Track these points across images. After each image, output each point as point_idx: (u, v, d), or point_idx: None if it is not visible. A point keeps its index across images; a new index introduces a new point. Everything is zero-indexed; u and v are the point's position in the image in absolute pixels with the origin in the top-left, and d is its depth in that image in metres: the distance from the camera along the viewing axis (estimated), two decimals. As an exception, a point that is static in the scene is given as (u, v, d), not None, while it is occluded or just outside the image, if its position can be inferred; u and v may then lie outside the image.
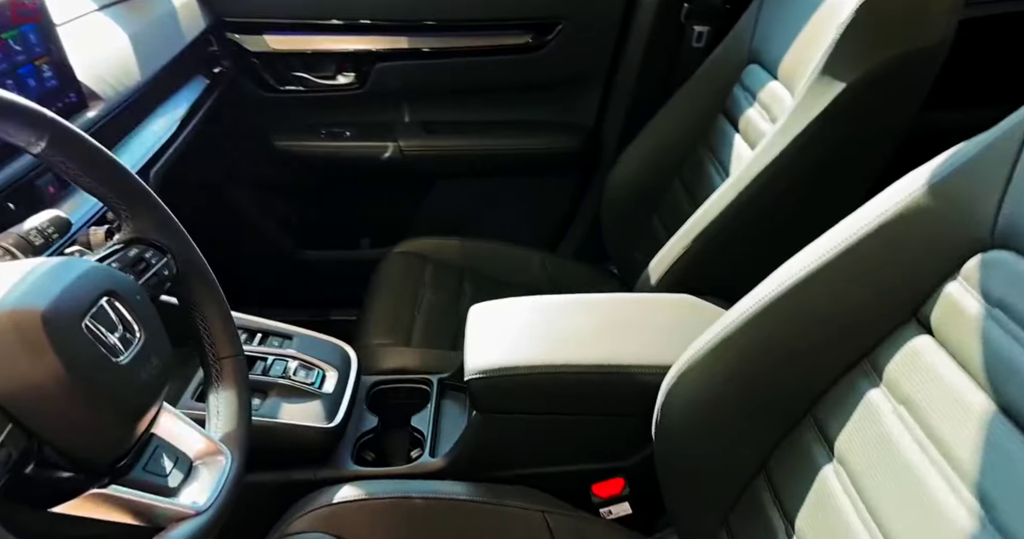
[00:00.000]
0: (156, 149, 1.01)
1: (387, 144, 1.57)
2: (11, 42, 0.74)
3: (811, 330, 0.68)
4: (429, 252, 1.44)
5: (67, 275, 0.48)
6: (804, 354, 0.69)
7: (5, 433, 0.41)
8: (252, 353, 0.96)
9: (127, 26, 1.10)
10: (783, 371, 0.70)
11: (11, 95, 0.50)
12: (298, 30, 1.49)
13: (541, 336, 0.95)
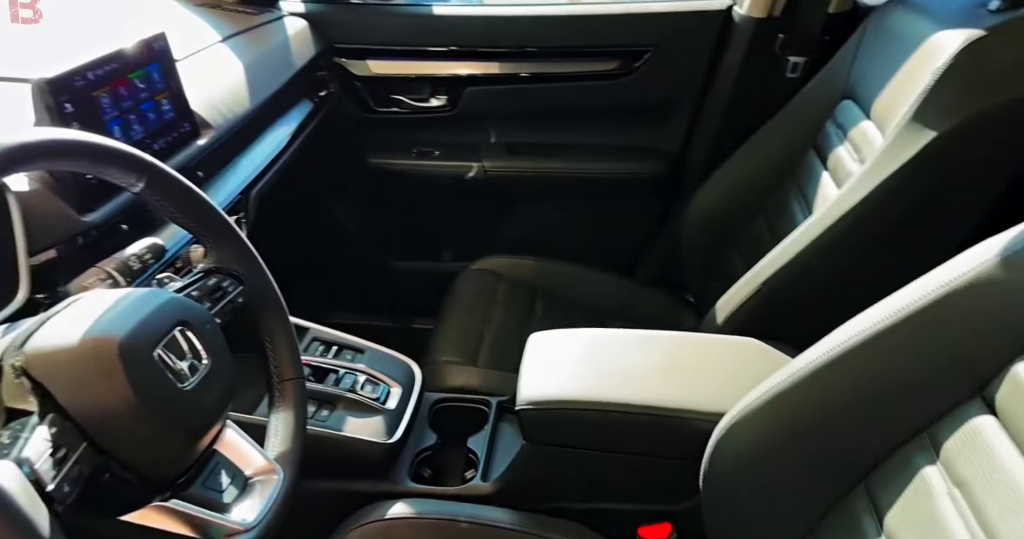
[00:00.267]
0: (257, 173, 1.10)
1: (471, 164, 1.62)
2: (136, 81, 0.84)
3: (871, 394, 0.66)
4: (504, 270, 1.47)
5: (147, 307, 0.54)
6: (863, 419, 0.66)
7: (79, 451, 0.47)
8: (326, 365, 1.02)
9: (244, 55, 1.21)
10: (839, 434, 0.68)
11: (116, 143, 0.58)
12: (398, 56, 1.57)
13: (597, 371, 0.96)
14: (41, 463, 0.44)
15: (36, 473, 0.44)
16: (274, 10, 1.47)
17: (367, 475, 0.98)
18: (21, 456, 0.44)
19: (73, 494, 0.46)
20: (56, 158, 0.53)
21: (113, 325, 0.51)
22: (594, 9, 1.62)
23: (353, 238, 1.75)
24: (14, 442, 0.45)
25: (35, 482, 0.43)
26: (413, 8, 1.59)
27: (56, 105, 0.71)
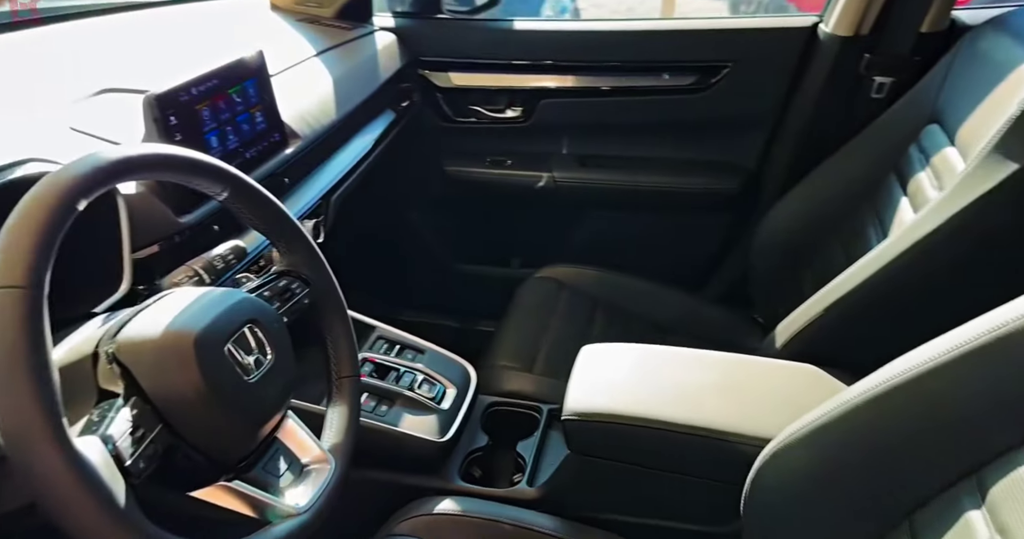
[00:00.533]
0: (338, 179, 1.17)
1: (542, 174, 1.66)
2: (234, 96, 0.92)
3: (923, 431, 0.64)
4: (567, 279, 1.50)
5: (222, 305, 0.60)
6: (911, 456, 0.65)
7: (156, 432, 0.54)
8: (388, 363, 1.08)
9: (335, 69, 1.29)
10: (885, 469, 0.67)
11: (206, 157, 0.65)
12: (478, 68, 1.63)
13: (646, 387, 0.97)
14: (122, 440, 0.51)
15: (117, 449, 0.50)
16: (367, 25, 1.56)
17: (419, 470, 1.03)
18: (106, 433, 0.51)
19: (148, 470, 0.52)
20: (153, 170, 0.60)
21: (191, 321, 0.58)
22: (674, 24, 1.62)
23: (426, 241, 1.83)
24: (102, 420, 0.52)
25: (116, 457, 0.50)
26: (496, 23, 1.64)
27: (162, 118, 0.79)
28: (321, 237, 1.10)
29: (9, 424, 0.45)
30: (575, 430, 0.95)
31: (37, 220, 0.48)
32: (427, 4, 1.64)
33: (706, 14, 5.16)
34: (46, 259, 0.48)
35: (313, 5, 1.52)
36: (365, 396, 1.02)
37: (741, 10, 5.26)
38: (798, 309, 1.13)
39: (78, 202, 0.51)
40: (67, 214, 0.50)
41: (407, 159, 1.65)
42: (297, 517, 0.63)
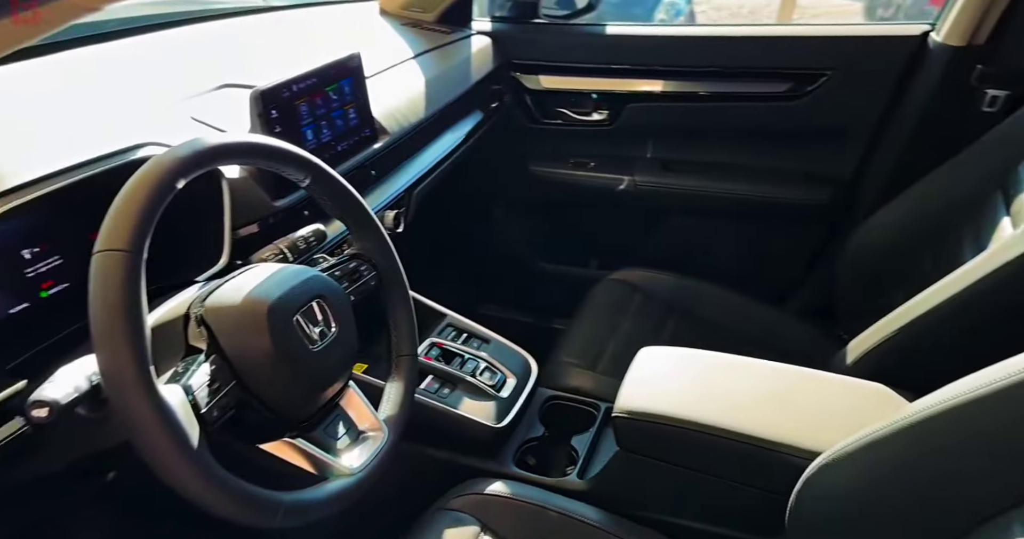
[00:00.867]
0: (421, 174, 1.25)
1: (624, 177, 1.68)
2: (330, 93, 1.01)
3: (975, 456, 0.63)
4: (642, 283, 1.51)
5: (295, 280, 0.68)
6: (961, 480, 0.64)
7: (229, 386, 0.62)
8: (454, 349, 1.15)
9: (429, 70, 1.37)
10: (935, 492, 0.66)
11: (291, 147, 0.72)
12: (568, 72, 1.68)
13: (699, 391, 0.97)
14: (200, 390, 0.59)
15: (195, 398, 0.58)
16: (465, 29, 1.64)
17: (475, 452, 1.08)
18: (187, 383, 0.59)
19: (220, 419, 0.60)
20: (243, 156, 0.69)
21: (267, 292, 0.65)
22: (771, 30, 1.60)
23: (508, 239, 1.89)
24: (185, 372, 0.60)
25: (193, 404, 0.58)
26: (589, 27, 1.67)
27: (265, 111, 0.89)
28: (401, 227, 1.17)
29: (108, 371, 0.54)
30: (624, 428, 0.97)
31: (141, 195, 0.57)
32: (524, 9, 1.69)
33: (837, 18, 4.95)
34: (147, 228, 0.56)
35: (417, 10, 1.61)
36: (429, 378, 1.09)
37: (879, 14, 4.99)
38: (873, 326, 1.10)
39: (177, 181, 0.59)
40: (167, 191, 0.58)
41: (494, 158, 1.71)
42: (350, 477, 0.70)
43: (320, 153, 0.99)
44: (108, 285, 0.54)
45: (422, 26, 1.58)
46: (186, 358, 0.63)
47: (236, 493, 0.58)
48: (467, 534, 0.92)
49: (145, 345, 0.54)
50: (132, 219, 0.56)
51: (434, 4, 1.59)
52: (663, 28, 1.67)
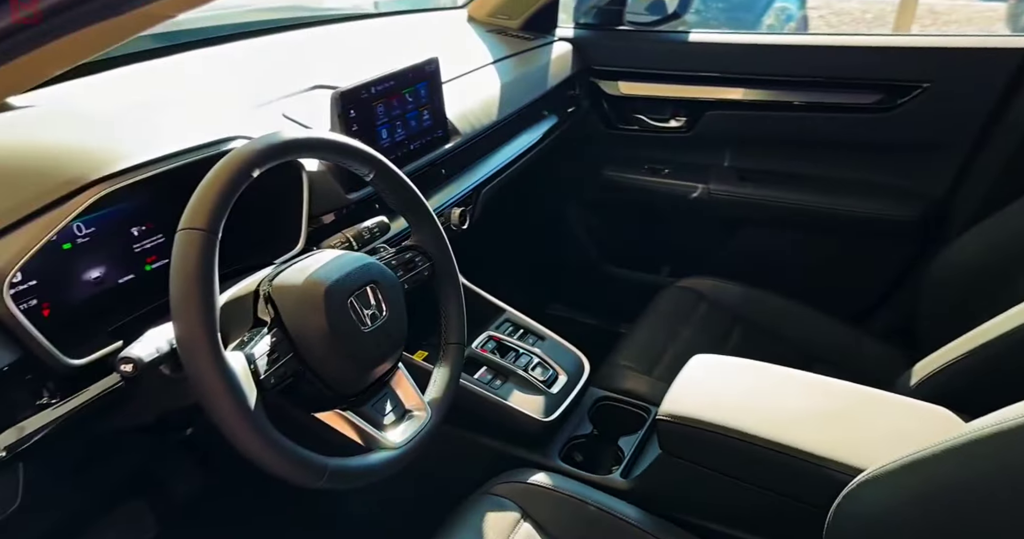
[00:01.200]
0: (490, 174, 1.31)
1: (698, 185, 1.67)
2: (407, 95, 1.08)
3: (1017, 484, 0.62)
4: (709, 291, 1.50)
5: (352, 266, 0.74)
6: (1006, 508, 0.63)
7: (287, 358, 0.69)
8: (509, 343, 1.19)
9: (507, 74, 1.43)
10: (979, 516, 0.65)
11: (356, 143, 0.79)
12: (647, 78, 1.69)
13: (748, 401, 0.97)
14: (260, 359, 0.66)
15: (256, 365, 0.65)
16: (548, 36, 1.69)
17: (522, 443, 1.12)
18: (250, 352, 0.66)
19: (277, 386, 0.67)
20: (313, 150, 0.75)
21: (326, 274, 0.72)
22: (863, 40, 1.55)
23: (580, 241, 1.92)
24: (250, 341, 0.67)
25: (254, 371, 0.65)
26: (672, 34, 1.68)
27: (343, 111, 0.96)
28: (467, 224, 1.23)
29: (181, 337, 0.61)
30: (667, 430, 0.98)
31: (220, 181, 0.64)
32: (609, 16, 1.72)
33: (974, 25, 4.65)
34: (223, 211, 0.64)
35: (503, 18, 1.67)
36: (483, 369, 1.14)
37: (1023, 23, 4.67)
38: (943, 348, 1.06)
39: (252, 170, 0.67)
40: (243, 179, 0.66)
41: (569, 162, 1.75)
42: (392, 451, 0.75)
43: (393, 151, 1.07)
44: (186, 260, 0.61)
45: (507, 33, 1.64)
46: (252, 329, 0.70)
47: (286, 453, 0.65)
48: (507, 519, 0.96)
49: (214, 316, 0.62)
50: (210, 202, 0.63)
51: (519, 11, 1.65)
52: (748, 36, 1.65)
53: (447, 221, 1.19)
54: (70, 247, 0.79)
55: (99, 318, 0.80)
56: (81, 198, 0.70)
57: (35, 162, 0.72)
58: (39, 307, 0.77)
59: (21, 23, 0.44)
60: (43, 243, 0.67)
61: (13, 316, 0.65)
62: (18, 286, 0.74)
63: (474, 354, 1.16)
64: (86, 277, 0.81)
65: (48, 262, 0.76)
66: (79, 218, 0.79)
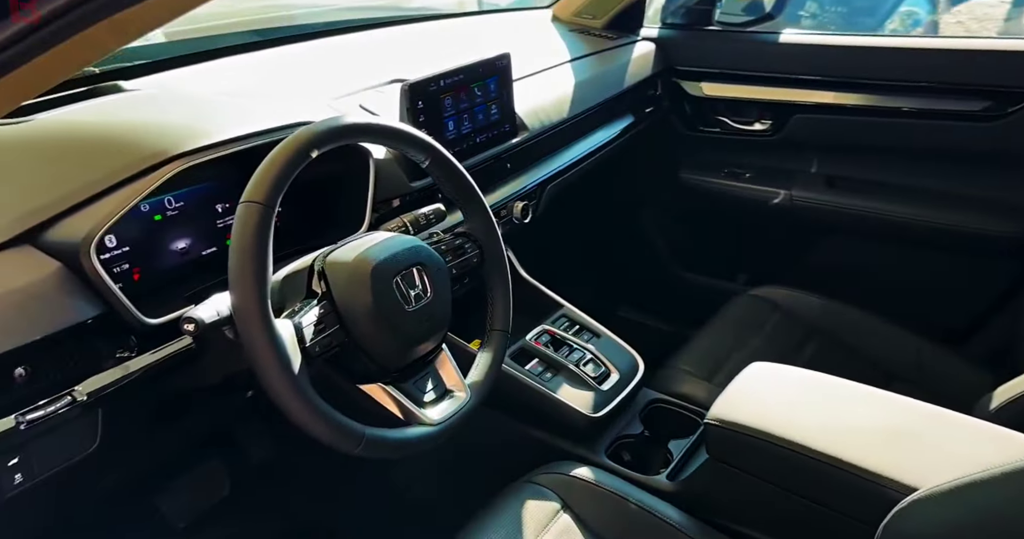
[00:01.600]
0: (556, 171, 1.32)
1: (780, 191, 1.61)
2: (475, 89, 1.11)
3: None
4: (784, 302, 1.45)
5: (400, 247, 0.77)
6: None
7: (333, 329, 0.73)
8: (563, 338, 1.20)
9: (582, 73, 1.44)
10: None
11: (412, 130, 0.82)
12: (731, 79, 1.65)
13: (802, 411, 0.94)
14: (307, 328, 0.70)
15: (302, 333, 0.69)
16: (631, 36, 1.68)
17: (569, 437, 1.13)
18: (298, 321, 0.70)
19: (322, 355, 0.71)
20: (370, 136, 0.79)
21: (375, 253, 0.76)
22: (971, 43, 1.45)
23: (652, 244, 1.89)
24: (299, 311, 0.72)
25: (300, 339, 0.69)
26: (763, 35, 1.63)
27: (411, 102, 1.01)
28: (528, 218, 1.25)
29: (235, 303, 0.66)
30: (715, 435, 0.96)
31: (280, 160, 0.69)
32: (698, 16, 1.69)
33: None
34: (280, 187, 0.69)
35: (588, 17, 1.68)
36: (535, 361, 1.16)
37: None
38: None
39: (311, 151, 0.71)
40: (302, 159, 0.71)
41: (644, 163, 1.73)
42: (429, 427, 0.78)
43: (458, 143, 1.10)
44: (244, 231, 0.66)
45: (589, 32, 1.65)
46: (304, 300, 0.75)
47: (326, 417, 0.69)
48: (547, 509, 0.97)
49: (266, 284, 0.67)
50: (270, 178, 0.68)
51: (603, 11, 1.65)
52: (845, 37, 1.57)
53: (509, 214, 1.21)
54: (160, 219, 0.87)
55: (180, 285, 0.87)
56: (162, 171, 0.77)
57: (126, 137, 0.81)
58: (130, 271, 0.85)
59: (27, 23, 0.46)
60: (126, 210, 0.74)
61: (99, 274, 0.73)
62: (112, 251, 0.82)
63: (527, 346, 1.18)
64: (173, 247, 0.89)
65: (140, 231, 0.84)
66: (169, 192, 0.87)
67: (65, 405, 0.73)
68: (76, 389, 0.74)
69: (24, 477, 0.74)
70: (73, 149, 0.80)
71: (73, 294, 0.73)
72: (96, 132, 0.83)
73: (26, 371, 0.70)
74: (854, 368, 1.32)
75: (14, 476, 0.73)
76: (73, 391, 0.74)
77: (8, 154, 0.80)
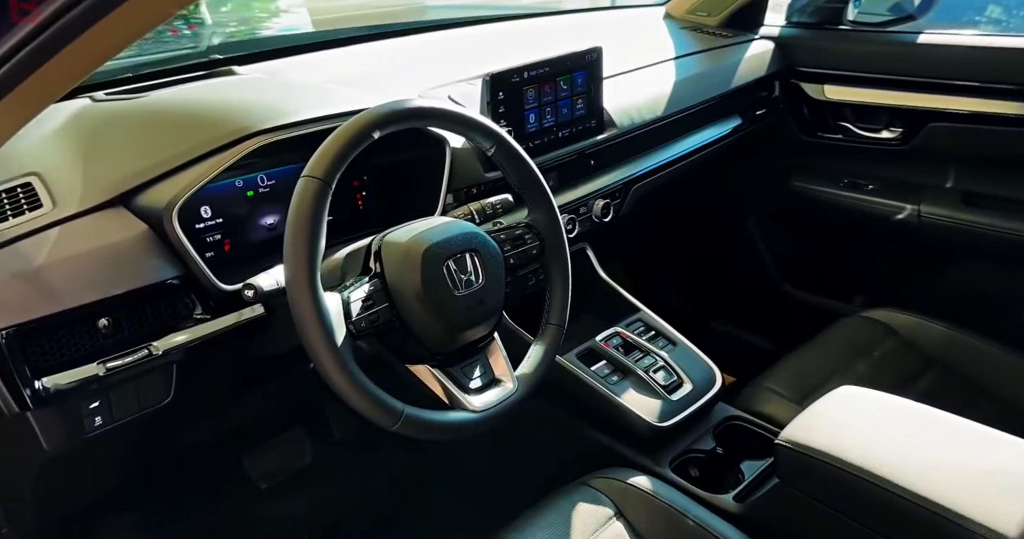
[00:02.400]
0: (644, 171, 1.27)
1: (906, 206, 1.46)
2: (561, 83, 1.10)
3: None
4: (902, 328, 1.31)
5: (454, 231, 0.78)
6: None
7: (381, 306, 0.74)
8: (635, 342, 1.16)
9: (685, 72, 1.38)
10: None
11: (480, 117, 0.82)
12: (858, 83, 1.52)
13: (887, 440, 0.85)
14: (355, 303, 0.72)
15: (349, 307, 0.71)
16: (748, 34, 1.59)
17: (632, 444, 1.08)
18: (347, 296, 0.72)
19: (367, 330, 0.72)
20: (433, 119, 0.80)
21: (429, 237, 0.76)
22: None
23: (755, 255, 1.77)
24: (351, 285, 0.74)
25: (346, 313, 0.71)
26: (900, 35, 1.49)
27: (492, 93, 1.01)
28: (609, 217, 1.21)
29: (287, 274, 0.69)
30: (786, 457, 0.88)
31: (341, 138, 0.72)
32: (828, 14, 1.58)
33: None
34: (340, 165, 0.71)
35: (702, 15, 1.62)
36: (602, 363, 1.12)
37: None
38: None
39: (373, 132, 0.73)
40: (363, 139, 0.72)
41: (751, 168, 1.63)
42: (470, 414, 0.77)
43: (538, 136, 1.09)
44: (300, 204, 0.69)
45: (702, 30, 1.58)
46: (358, 277, 0.77)
47: (366, 390, 0.70)
48: (600, 513, 0.93)
49: (316, 257, 0.69)
50: (330, 155, 0.71)
51: (720, 8, 1.58)
52: (996, 37, 1.40)
53: (589, 211, 1.18)
54: (253, 195, 0.93)
55: (265, 258, 0.93)
56: (243, 145, 0.82)
57: (217, 114, 0.87)
58: (222, 241, 0.92)
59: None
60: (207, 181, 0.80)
61: (179, 238, 0.79)
62: (207, 221, 0.89)
63: (596, 346, 1.14)
64: (262, 222, 0.94)
65: (234, 205, 0.91)
66: (262, 171, 0.93)
67: (142, 358, 0.79)
68: (153, 344, 0.80)
69: (103, 420, 0.81)
70: (171, 123, 0.88)
71: (156, 255, 0.79)
72: (193, 109, 0.90)
73: (109, 322, 0.77)
74: (980, 407, 1.17)
75: (95, 418, 0.81)
76: (150, 345, 0.80)
77: (117, 124, 0.89)
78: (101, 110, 0.91)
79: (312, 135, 0.87)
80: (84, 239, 0.76)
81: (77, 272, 0.74)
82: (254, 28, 1.66)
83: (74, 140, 0.85)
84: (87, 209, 0.77)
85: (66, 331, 0.75)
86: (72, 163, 0.81)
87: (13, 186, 0.78)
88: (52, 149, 0.84)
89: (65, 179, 0.79)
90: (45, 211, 0.76)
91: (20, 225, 0.75)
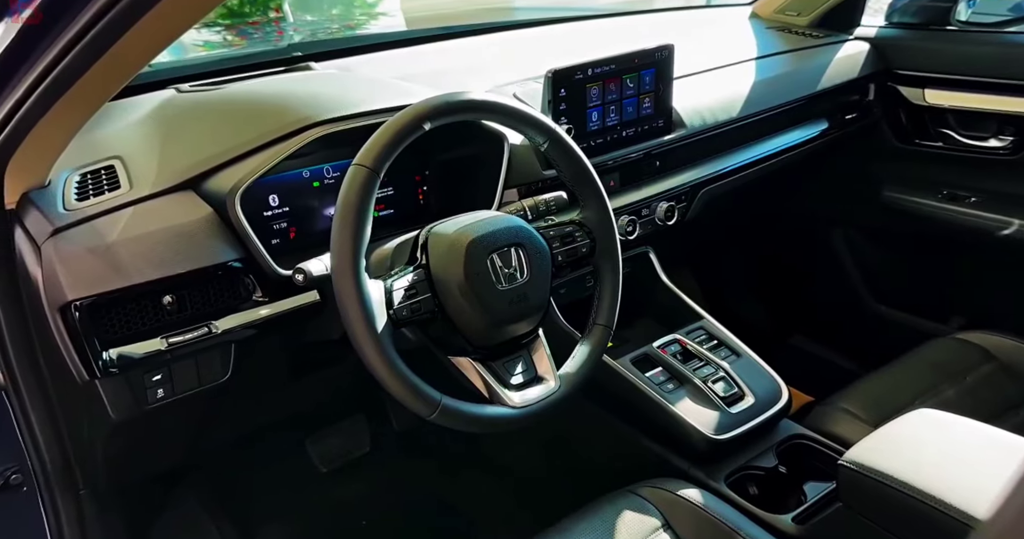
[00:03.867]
0: (713, 175, 1.22)
1: (1013, 220, 1.33)
2: (627, 81, 1.07)
3: None
4: (1002, 352, 1.19)
5: (500, 225, 0.77)
6: None
7: (424, 296, 0.74)
8: (695, 351, 1.11)
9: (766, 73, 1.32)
10: None
11: (534, 112, 0.81)
12: (966, 87, 1.40)
13: (959, 467, 0.78)
14: (397, 292, 0.72)
15: (391, 295, 0.72)
16: (840, 34, 1.51)
17: (686, 456, 1.03)
18: (390, 284, 0.73)
19: (407, 318, 0.73)
20: (486, 113, 0.80)
21: (474, 229, 0.76)
22: None
23: (841, 268, 1.66)
24: (394, 275, 0.74)
25: (388, 300, 0.72)
26: (1013, 36, 1.37)
27: (553, 90, 1.00)
28: (673, 221, 1.17)
29: (333, 261, 0.70)
30: (848, 479, 0.82)
31: (392, 129, 0.72)
32: (933, 14, 1.47)
33: None
34: (389, 154, 0.72)
35: (792, 14, 1.54)
36: (658, 370, 1.08)
37: None
38: None
39: (424, 123, 0.74)
40: (414, 130, 0.73)
41: (838, 175, 1.54)
42: (509, 410, 0.76)
43: (601, 135, 1.07)
44: (348, 191, 0.70)
45: (791, 30, 1.51)
46: (405, 265, 0.77)
47: (405, 378, 0.70)
48: (646, 523, 0.90)
49: (361, 244, 0.70)
50: (380, 145, 0.72)
51: (810, 8, 1.50)
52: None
53: (651, 214, 1.15)
54: (319, 186, 0.96)
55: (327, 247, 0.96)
56: (304, 135, 0.85)
57: (283, 105, 0.91)
58: (287, 229, 0.95)
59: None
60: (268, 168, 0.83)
61: (240, 222, 0.82)
62: (275, 209, 0.93)
63: (652, 352, 1.10)
64: (326, 212, 0.97)
65: (301, 195, 0.94)
66: (329, 162, 0.96)
67: (203, 336, 0.83)
68: (214, 323, 0.84)
69: (165, 393, 0.86)
70: (242, 112, 0.92)
71: (219, 238, 0.83)
72: (264, 100, 0.95)
73: (173, 299, 0.81)
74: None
75: (157, 390, 0.85)
76: (211, 324, 0.84)
77: (194, 113, 0.94)
78: (183, 100, 0.97)
79: (371, 127, 0.89)
80: (154, 219, 0.81)
81: (146, 250, 0.79)
82: (342, 27, 1.72)
83: (156, 127, 0.91)
84: (159, 191, 0.82)
85: (134, 306, 0.79)
86: (151, 148, 0.87)
87: (98, 168, 0.84)
88: (136, 135, 0.90)
89: (143, 163, 0.85)
90: (122, 192, 0.82)
91: (99, 204, 0.80)
